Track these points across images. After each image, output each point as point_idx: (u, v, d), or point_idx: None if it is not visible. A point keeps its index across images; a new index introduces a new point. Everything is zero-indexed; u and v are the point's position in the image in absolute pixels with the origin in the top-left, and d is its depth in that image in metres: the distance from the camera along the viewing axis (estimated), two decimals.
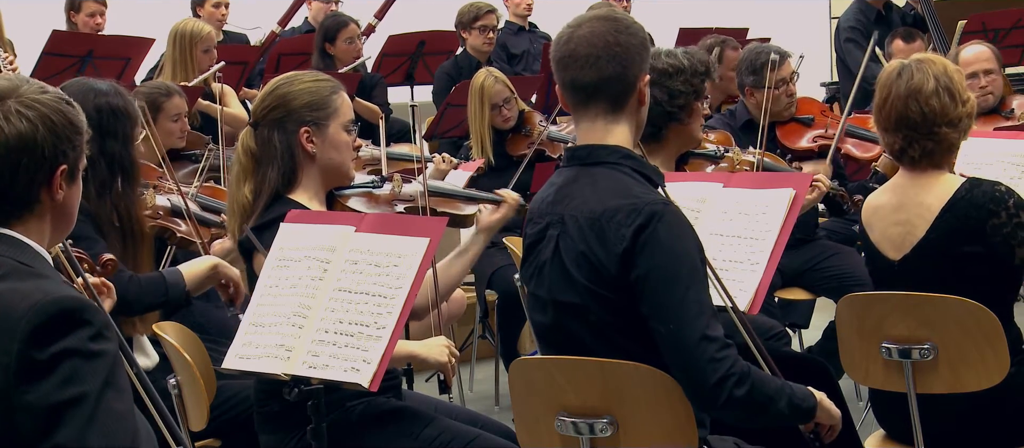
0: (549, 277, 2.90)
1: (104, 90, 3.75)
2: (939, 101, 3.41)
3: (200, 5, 7.94)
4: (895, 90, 3.45)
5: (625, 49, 2.86)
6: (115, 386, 2.09)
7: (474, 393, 6.21)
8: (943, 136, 3.44)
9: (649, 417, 2.81)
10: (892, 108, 3.45)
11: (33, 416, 2.04)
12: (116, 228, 3.67)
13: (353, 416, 3.26)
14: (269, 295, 3.09)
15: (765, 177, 3.78)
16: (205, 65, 6.62)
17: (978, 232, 3.37)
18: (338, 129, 3.38)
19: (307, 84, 3.39)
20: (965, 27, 6.86)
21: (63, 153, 2.22)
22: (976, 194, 3.39)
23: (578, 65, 2.86)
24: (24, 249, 2.21)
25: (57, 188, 2.22)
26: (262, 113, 3.38)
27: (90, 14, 7.31)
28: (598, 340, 2.84)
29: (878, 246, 3.55)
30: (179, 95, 5.12)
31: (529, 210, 3.04)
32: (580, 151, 2.94)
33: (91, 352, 2.07)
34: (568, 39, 2.89)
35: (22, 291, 2.10)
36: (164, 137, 5.02)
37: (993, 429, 3.41)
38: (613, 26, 2.88)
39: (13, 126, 2.16)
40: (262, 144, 3.37)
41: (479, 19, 7.68)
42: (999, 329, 3.25)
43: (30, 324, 2.05)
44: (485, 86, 6.12)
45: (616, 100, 2.89)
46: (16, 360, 2.04)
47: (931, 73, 3.43)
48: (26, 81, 2.24)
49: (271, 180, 3.33)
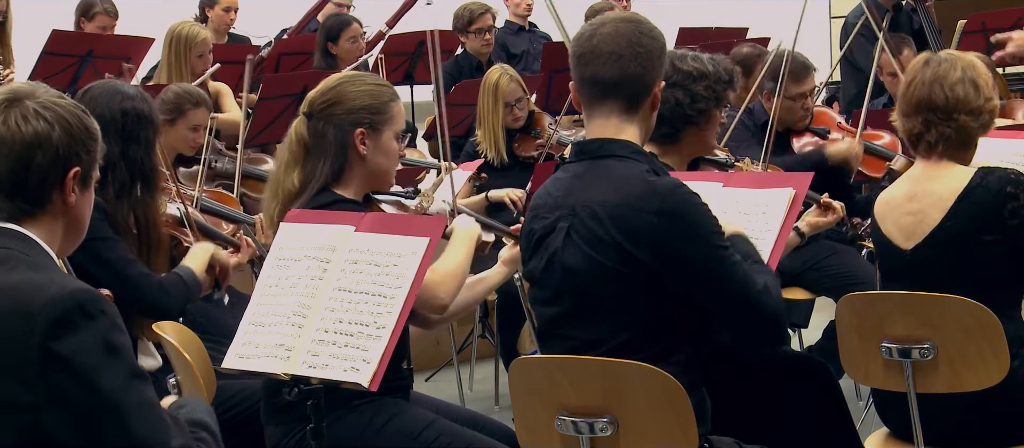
0: (561, 265, 2.91)
1: (131, 94, 3.77)
2: (963, 89, 3.44)
3: (209, 8, 7.93)
4: (920, 76, 3.48)
5: (648, 51, 2.92)
6: (140, 376, 2.16)
7: (474, 393, 6.21)
8: (962, 124, 3.45)
9: (649, 417, 2.81)
10: (915, 92, 3.48)
11: (63, 411, 2.08)
12: (133, 233, 3.69)
13: (354, 416, 3.26)
14: (269, 294, 3.09)
15: (765, 177, 3.78)
16: (199, 70, 6.59)
17: (996, 218, 3.37)
18: (391, 136, 3.40)
19: (369, 86, 3.42)
20: (965, 27, 6.86)
21: (77, 155, 2.27)
22: (991, 180, 3.40)
23: (600, 61, 2.91)
24: (33, 246, 2.25)
25: (69, 190, 2.27)
26: (320, 106, 3.39)
27: (102, 27, 7.31)
28: (610, 329, 2.87)
29: (889, 237, 3.54)
30: (207, 108, 5.13)
31: (534, 205, 3.05)
32: (591, 145, 2.96)
33: (112, 344, 2.12)
34: (591, 35, 2.94)
35: (36, 282, 2.14)
36: (177, 142, 5.05)
37: (997, 426, 3.41)
38: (637, 28, 2.94)
39: (30, 124, 2.23)
40: (315, 135, 3.38)
41: (474, 22, 7.68)
42: (999, 329, 3.25)
43: (49, 318, 2.09)
44: (500, 84, 6.12)
45: (632, 100, 2.93)
46: (38, 353, 2.08)
47: (959, 65, 3.47)
48: (45, 87, 2.31)
49: (323, 173, 3.35)
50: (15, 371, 2.09)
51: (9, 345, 2.10)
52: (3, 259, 2.20)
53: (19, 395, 2.09)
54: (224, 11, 7.93)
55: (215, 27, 7.73)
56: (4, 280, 2.16)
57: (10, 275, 2.17)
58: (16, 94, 2.27)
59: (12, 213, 2.26)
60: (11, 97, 2.26)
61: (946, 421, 3.41)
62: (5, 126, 2.23)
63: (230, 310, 4.25)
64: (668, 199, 2.82)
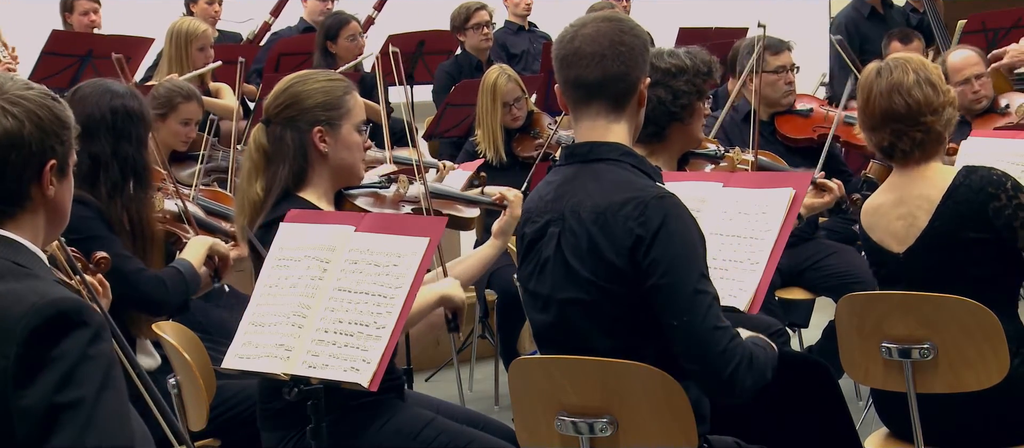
0: (551, 274, 2.91)
1: (120, 92, 3.76)
2: (922, 92, 3.46)
3: (193, 1, 7.93)
4: (876, 88, 3.49)
5: (630, 49, 2.90)
6: (113, 387, 2.09)
7: (474, 393, 6.21)
8: (931, 125, 3.47)
9: (649, 417, 2.81)
10: (876, 105, 3.49)
11: (30, 419, 2.03)
12: (127, 230, 3.68)
13: (353, 416, 3.26)
14: (269, 295, 3.09)
15: (765, 177, 3.78)
16: (200, 63, 6.65)
17: (981, 216, 3.39)
18: (351, 130, 3.38)
19: (321, 83, 3.40)
20: (965, 27, 6.86)
21: (51, 148, 2.21)
22: (973, 179, 3.42)
23: (583, 63, 2.89)
24: (18, 249, 2.20)
25: (47, 184, 2.22)
26: (275, 111, 3.38)
27: (83, 13, 7.31)
28: (602, 336, 2.85)
29: (881, 243, 3.56)
30: (198, 102, 5.14)
31: (525, 209, 3.05)
32: (580, 148, 2.95)
33: (88, 355, 2.06)
34: (572, 38, 2.92)
35: (17, 293, 2.09)
36: (169, 138, 5.05)
37: (997, 426, 3.41)
38: (618, 26, 2.92)
39: (0, 124, 2.16)
40: (274, 141, 3.37)
41: (471, 19, 7.70)
42: (999, 329, 3.25)
43: (28, 327, 2.04)
44: (498, 84, 6.13)
45: (618, 100, 2.91)
46: (14, 363, 2.03)
47: (910, 68, 3.49)
48: (10, 79, 2.23)
49: (282, 178, 3.34)
50: None
51: None
52: None
53: None
54: (208, 3, 7.93)
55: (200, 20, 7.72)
56: None
57: None
58: None
59: None
60: None
61: (946, 421, 3.41)
62: None
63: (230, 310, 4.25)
64: (650, 208, 2.78)
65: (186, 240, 4.13)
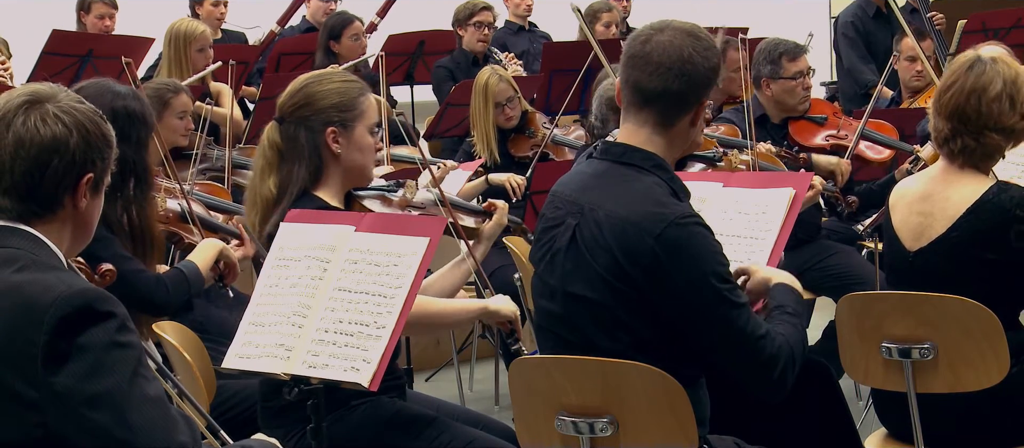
0: (562, 265, 2.90)
1: (123, 93, 3.76)
2: (999, 106, 3.39)
3: (199, 3, 7.94)
4: (961, 81, 3.42)
5: (696, 70, 2.86)
6: (144, 375, 2.16)
7: (474, 393, 6.21)
8: (988, 139, 3.41)
9: (649, 417, 2.81)
10: (953, 97, 3.43)
11: (66, 408, 2.09)
12: (126, 231, 3.68)
13: (354, 416, 3.26)
14: (269, 294, 3.09)
15: (765, 177, 3.78)
16: (200, 64, 6.64)
17: (1001, 238, 3.35)
18: (364, 131, 3.39)
19: (336, 84, 3.40)
20: (965, 27, 6.86)
21: (92, 162, 2.28)
22: (1003, 198, 3.38)
23: (647, 70, 2.86)
24: (42, 246, 2.26)
25: (81, 196, 2.28)
26: (289, 109, 3.38)
27: (99, 16, 7.33)
28: (605, 337, 2.85)
29: (897, 232, 3.54)
30: (186, 93, 5.16)
31: (553, 191, 3.03)
32: (616, 148, 2.94)
33: (119, 343, 2.13)
34: (646, 40, 2.89)
35: (44, 282, 2.15)
36: (169, 134, 5.05)
37: (996, 428, 3.41)
38: (692, 43, 2.88)
39: (49, 128, 2.23)
40: (287, 140, 3.37)
41: (474, 16, 7.71)
42: (999, 329, 3.25)
43: (56, 315, 2.10)
44: (489, 84, 6.13)
45: (669, 115, 2.89)
46: (43, 350, 2.09)
47: (1000, 78, 3.40)
48: (65, 90, 2.31)
49: (300, 177, 3.34)
50: (21, 368, 2.10)
51: (15, 342, 2.11)
52: (12, 258, 2.20)
53: (24, 392, 2.10)
54: (213, 5, 7.93)
55: (206, 22, 7.73)
56: (12, 279, 2.16)
57: (18, 274, 2.17)
58: (37, 96, 2.26)
59: (22, 214, 2.26)
60: (32, 99, 2.25)
61: (946, 421, 3.41)
62: (24, 127, 2.22)
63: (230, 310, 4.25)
64: (672, 228, 2.77)
65: (189, 240, 4.13)
